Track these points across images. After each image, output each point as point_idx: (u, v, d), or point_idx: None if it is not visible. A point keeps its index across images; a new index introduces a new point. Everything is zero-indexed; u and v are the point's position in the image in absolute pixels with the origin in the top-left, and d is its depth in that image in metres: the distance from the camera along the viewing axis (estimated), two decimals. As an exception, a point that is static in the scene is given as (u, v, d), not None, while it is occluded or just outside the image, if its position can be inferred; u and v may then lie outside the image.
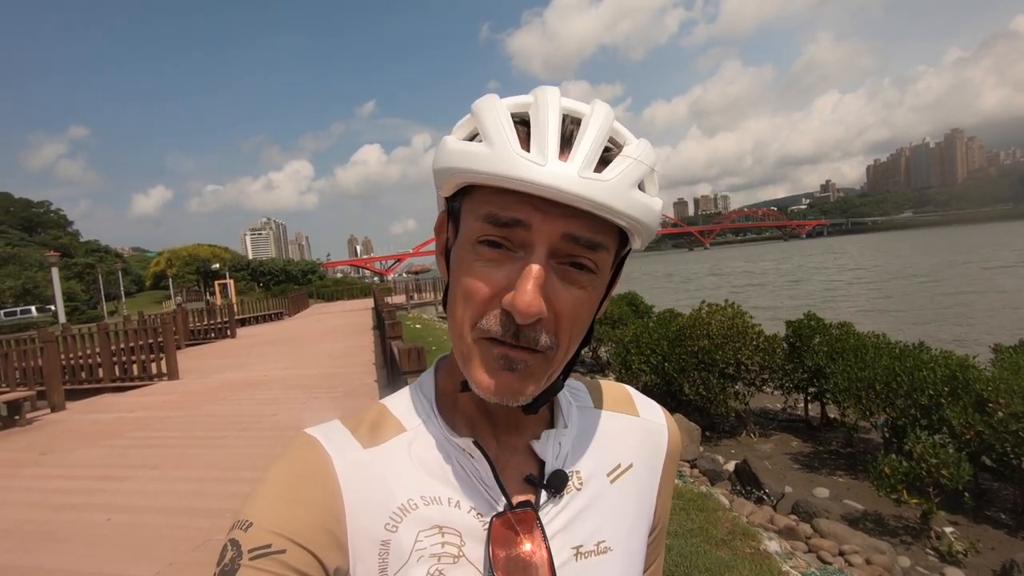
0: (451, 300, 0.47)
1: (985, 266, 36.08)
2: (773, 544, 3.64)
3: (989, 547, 4.57)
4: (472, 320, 0.44)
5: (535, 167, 0.40)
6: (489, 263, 0.43)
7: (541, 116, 0.43)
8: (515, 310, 0.41)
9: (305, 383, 8.07)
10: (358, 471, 0.47)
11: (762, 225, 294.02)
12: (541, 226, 0.42)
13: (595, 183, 0.41)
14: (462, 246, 0.46)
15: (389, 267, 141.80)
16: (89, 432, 6.35)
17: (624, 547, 0.51)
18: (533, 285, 0.41)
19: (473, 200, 0.45)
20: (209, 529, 3.37)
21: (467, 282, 0.44)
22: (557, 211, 0.42)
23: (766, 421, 8.18)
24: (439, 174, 0.46)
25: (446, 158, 0.45)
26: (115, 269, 52.42)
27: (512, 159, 0.41)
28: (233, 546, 0.42)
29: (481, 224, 0.43)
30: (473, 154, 0.43)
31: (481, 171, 0.42)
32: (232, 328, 17.26)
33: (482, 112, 0.44)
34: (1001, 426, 4.79)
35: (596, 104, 0.45)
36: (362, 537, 0.45)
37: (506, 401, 0.45)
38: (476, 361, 0.45)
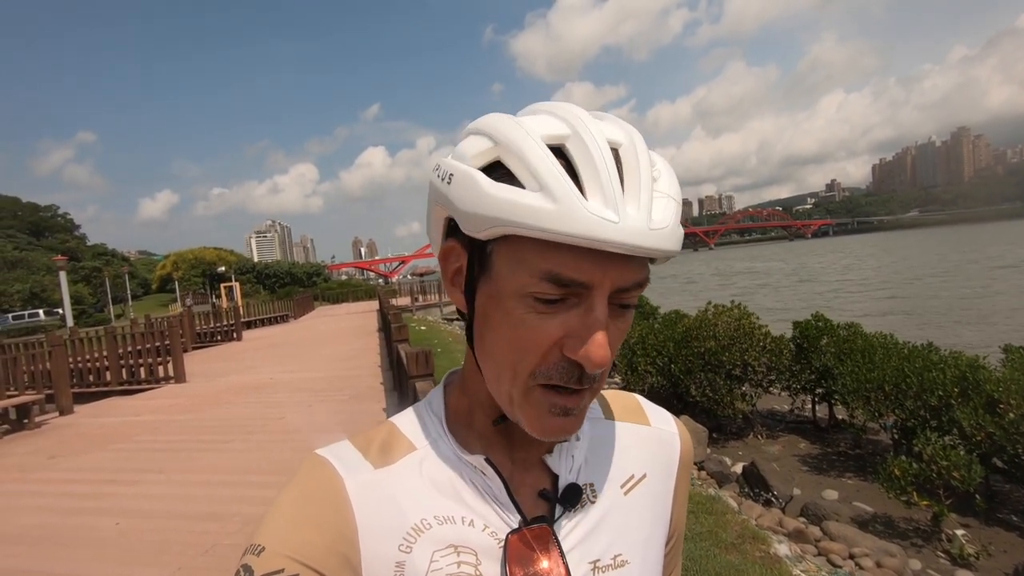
0: (493, 346, 0.45)
1: (993, 265, 35.80)
2: (783, 547, 3.61)
3: (1001, 550, 4.52)
4: (530, 370, 0.43)
5: (609, 225, 0.38)
6: (543, 315, 0.42)
7: (595, 156, 0.39)
8: (588, 362, 0.41)
9: (311, 386, 8.08)
10: (370, 492, 0.47)
11: (767, 225, 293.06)
12: (603, 281, 0.40)
13: (659, 233, 0.40)
14: (508, 296, 0.42)
15: (394, 269, 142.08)
16: (97, 436, 6.38)
17: (641, 559, 0.51)
18: (603, 337, 0.41)
19: (518, 249, 0.41)
20: (217, 534, 3.37)
21: (521, 334, 0.42)
22: (617, 261, 0.40)
23: (773, 423, 8.13)
24: (471, 218, 0.41)
25: (486, 204, 0.40)
26: (122, 272, 52.75)
27: (581, 216, 0.38)
28: (246, 571, 0.42)
29: (536, 280, 0.40)
30: (530, 208, 0.38)
31: (544, 228, 0.38)
32: (238, 331, 17.32)
33: (520, 147, 0.40)
34: (1012, 427, 4.74)
35: (631, 133, 0.43)
36: (376, 559, 0.45)
37: (556, 439, 0.46)
38: (530, 408, 0.44)
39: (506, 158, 0.41)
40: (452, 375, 0.56)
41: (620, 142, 0.42)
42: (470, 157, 0.43)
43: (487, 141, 0.42)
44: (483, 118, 0.45)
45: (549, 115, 0.43)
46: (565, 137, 0.41)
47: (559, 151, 0.40)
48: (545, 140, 0.40)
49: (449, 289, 0.49)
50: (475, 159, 0.42)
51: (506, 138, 0.41)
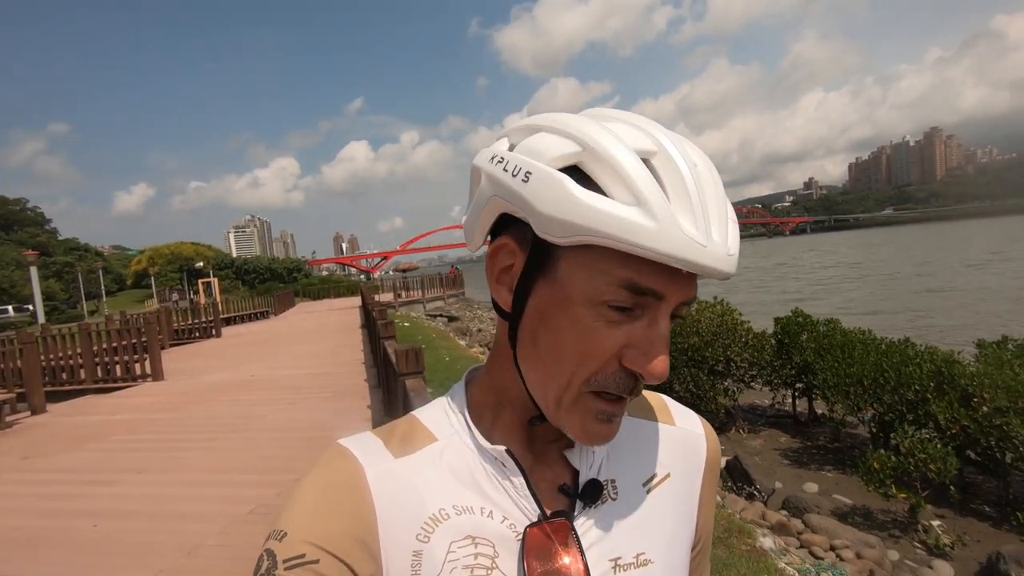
0: (549, 349, 0.44)
1: (965, 263, 36.79)
2: (767, 541, 3.67)
3: (975, 539, 4.66)
4: (587, 376, 0.43)
5: (699, 248, 0.38)
6: (611, 324, 0.42)
7: (685, 177, 0.39)
8: (650, 375, 0.42)
9: (294, 383, 7.97)
10: (389, 481, 0.47)
11: (747, 222, 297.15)
12: (673, 295, 0.41)
13: (732, 259, 0.41)
14: (580, 303, 0.42)
15: (375, 265, 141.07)
16: (72, 435, 6.22)
17: (665, 560, 0.50)
18: (667, 352, 0.42)
19: (597, 256, 0.41)
20: (201, 534, 3.30)
21: (588, 341, 0.43)
22: (686, 278, 0.41)
23: (755, 417, 8.27)
24: (553, 223, 0.40)
25: (574, 211, 0.39)
26: (95, 268, 51.48)
27: (680, 239, 0.38)
28: (269, 556, 0.43)
29: (615, 289, 0.41)
30: (627, 222, 0.38)
31: (640, 245, 0.38)
32: (217, 327, 17.03)
33: (613, 155, 0.39)
34: (985, 420, 4.88)
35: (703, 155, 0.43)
36: (394, 546, 0.45)
37: (599, 444, 0.46)
38: (579, 413, 0.45)
39: (593, 165, 0.40)
40: (474, 371, 0.55)
41: (697, 163, 0.42)
42: (550, 158, 0.41)
43: (572, 144, 0.41)
44: (555, 116, 0.44)
45: (629, 126, 0.42)
46: (652, 152, 0.40)
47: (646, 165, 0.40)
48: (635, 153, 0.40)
49: (494, 287, 0.48)
50: (555, 160, 0.41)
51: (597, 144, 0.40)
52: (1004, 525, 4.84)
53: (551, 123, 0.43)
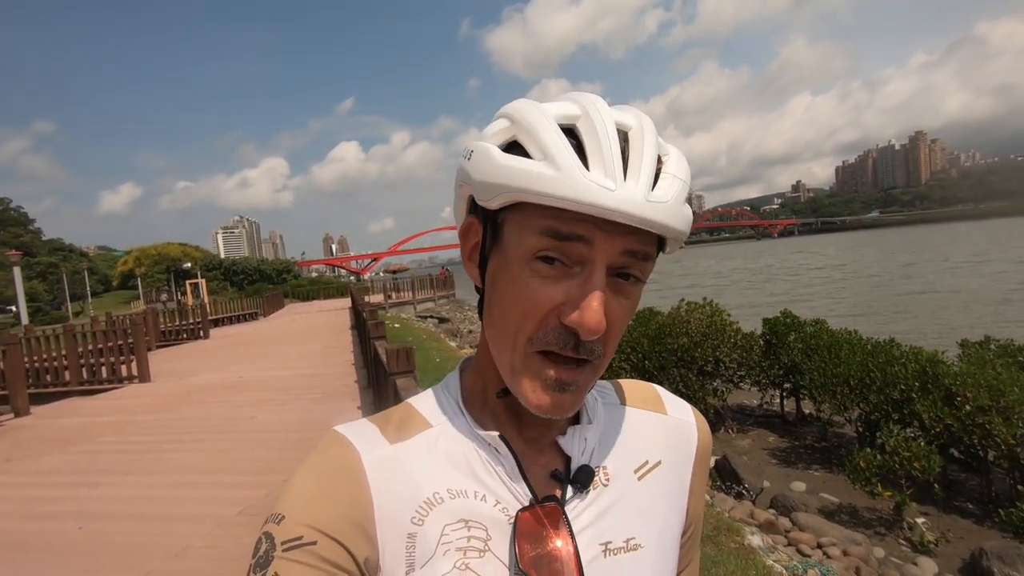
0: (498, 312, 0.47)
1: (947, 266, 37.34)
2: (756, 539, 3.70)
3: (959, 536, 4.73)
4: (529, 335, 0.45)
5: (605, 192, 0.40)
6: (546, 279, 0.43)
7: (599, 132, 0.42)
8: (582, 328, 0.42)
9: (283, 384, 7.92)
10: (385, 466, 0.48)
11: (736, 224, 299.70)
12: (603, 243, 0.42)
13: (658, 206, 0.42)
14: (514, 261, 0.45)
15: (365, 266, 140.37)
16: (57, 438, 6.14)
17: (656, 545, 0.51)
18: (599, 303, 0.42)
19: (525, 214, 0.44)
20: (189, 536, 3.28)
21: (524, 298, 0.44)
22: (618, 228, 0.42)
23: (744, 417, 8.34)
24: (484, 187, 0.44)
25: (497, 173, 0.43)
26: (80, 268, 50.76)
27: (580, 183, 0.40)
28: (267, 539, 0.44)
29: (538, 238, 0.43)
30: (534, 174, 0.41)
31: (545, 193, 0.41)
32: (205, 329, 16.87)
33: (532, 123, 0.43)
34: (968, 419, 4.96)
35: (641, 118, 0.45)
36: (389, 530, 0.46)
37: (555, 416, 0.46)
38: (527, 377, 0.46)
39: (520, 135, 0.44)
40: (468, 360, 0.57)
41: (630, 125, 0.44)
42: (490, 135, 0.46)
43: (506, 121, 0.46)
44: (509, 104, 0.47)
45: (568, 100, 0.45)
46: (576, 117, 0.44)
47: (571, 131, 0.43)
48: (557, 120, 0.43)
49: (467, 266, 0.51)
50: (494, 137, 0.45)
51: (523, 118, 0.44)
52: (987, 522, 4.92)
53: (501, 110, 0.47)
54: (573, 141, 0.42)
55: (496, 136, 0.45)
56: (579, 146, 0.42)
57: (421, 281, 25.24)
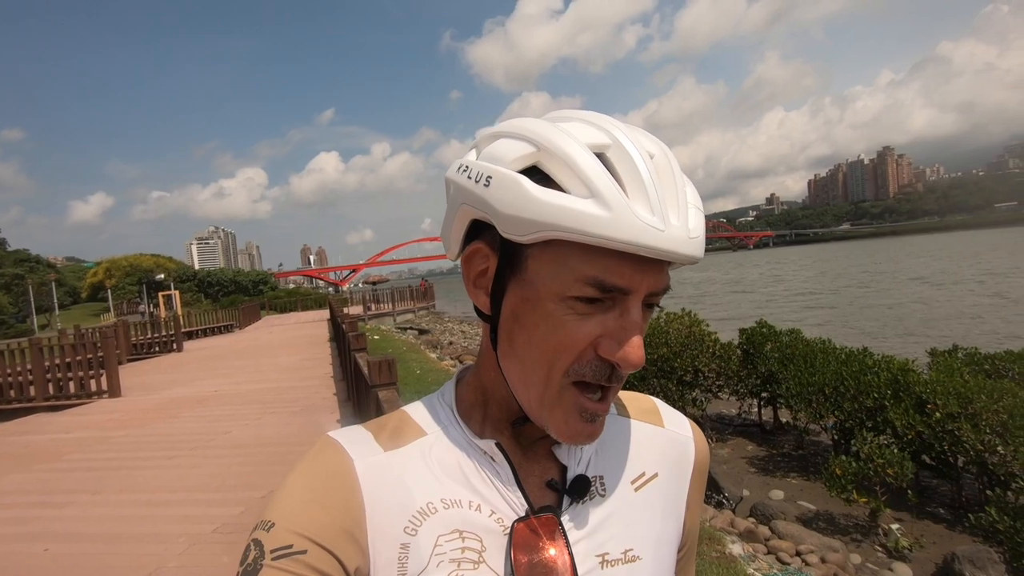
0: (524, 346, 0.45)
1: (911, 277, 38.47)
2: (736, 547, 3.73)
3: (932, 541, 4.83)
4: (564, 369, 0.44)
5: (656, 233, 0.39)
6: (582, 316, 0.43)
7: (638, 166, 0.41)
8: (627, 364, 0.42)
9: (260, 398, 7.76)
10: (378, 473, 0.47)
11: (713, 236, 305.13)
12: (640, 286, 0.42)
13: (696, 241, 0.42)
14: (548, 299, 0.43)
15: (344, 277, 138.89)
16: (21, 455, 5.91)
17: (653, 556, 0.50)
18: (639, 339, 0.42)
19: (560, 253, 0.42)
20: (161, 556, 3.17)
21: (561, 335, 0.43)
22: (652, 268, 0.42)
23: (723, 426, 8.42)
24: (515, 222, 0.41)
25: (532, 208, 0.40)
26: (48, 280, 49.19)
27: (635, 225, 0.39)
28: (256, 546, 0.43)
29: (580, 285, 0.42)
30: (583, 214, 0.39)
31: (597, 235, 0.39)
32: (179, 342, 16.47)
33: (567, 152, 0.40)
34: (939, 426, 5.09)
35: (662, 146, 0.44)
36: (381, 539, 0.45)
37: (580, 444, 0.47)
38: (561, 411, 0.45)
39: (549, 163, 0.41)
40: (464, 371, 0.56)
41: (654, 152, 0.43)
42: (509, 160, 0.43)
43: (527, 145, 0.43)
44: (514, 121, 0.46)
45: (584, 123, 0.44)
46: (606, 146, 0.42)
47: (600, 159, 0.41)
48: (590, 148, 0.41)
49: (472, 291, 0.49)
50: (514, 163, 0.42)
51: (550, 143, 0.41)
52: (958, 527, 5.03)
53: (510, 128, 0.45)
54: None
55: (517, 162, 0.42)
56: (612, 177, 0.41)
57: (401, 292, 25.07)
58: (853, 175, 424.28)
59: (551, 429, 0.46)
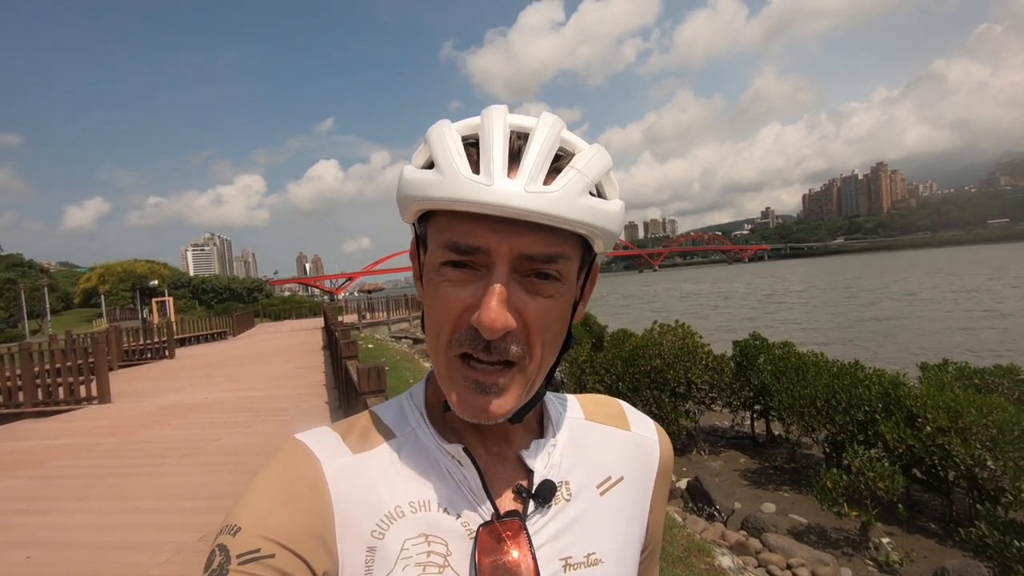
0: (427, 321, 0.49)
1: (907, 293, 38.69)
2: (726, 560, 3.72)
3: (922, 555, 4.82)
4: (447, 337, 0.46)
5: (482, 187, 0.42)
6: (455, 283, 0.45)
7: (486, 136, 0.44)
8: (481, 326, 0.43)
9: (251, 406, 7.71)
10: (347, 476, 0.47)
11: (708, 249, 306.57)
12: (499, 247, 0.43)
13: (542, 196, 0.42)
14: (429, 269, 0.47)
15: (340, 285, 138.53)
16: (6, 462, 5.83)
17: (616, 560, 0.51)
18: (496, 301, 0.42)
19: (434, 226, 0.47)
20: (145, 564, 3.13)
21: (437, 303, 0.46)
22: (512, 229, 0.43)
23: (715, 438, 8.41)
24: (401, 203, 0.48)
25: (404, 187, 0.47)
26: (40, 285, 48.87)
27: (459, 182, 0.42)
28: (221, 551, 0.42)
29: (443, 250, 0.45)
30: (426, 181, 0.44)
31: (434, 197, 0.44)
32: (171, 348, 16.36)
33: (432, 139, 0.46)
34: (929, 440, 5.10)
35: (542, 116, 0.47)
36: (350, 542, 0.45)
37: (480, 420, 0.46)
38: (452, 383, 0.47)
39: (429, 152, 0.47)
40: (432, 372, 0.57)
41: (529, 127, 0.46)
42: (414, 157, 0.48)
43: (423, 143, 0.48)
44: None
45: (480, 116, 0.48)
46: (476, 126, 0.46)
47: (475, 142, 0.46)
48: (462, 132, 0.46)
49: (417, 286, 0.53)
50: (415, 158, 0.48)
51: (428, 136, 0.47)
52: (948, 541, 5.03)
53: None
54: (476, 151, 0.45)
55: (417, 157, 0.48)
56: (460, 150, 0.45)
57: (396, 301, 24.99)
58: (847, 190, 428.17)
59: (452, 405, 0.47)
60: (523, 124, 0.46)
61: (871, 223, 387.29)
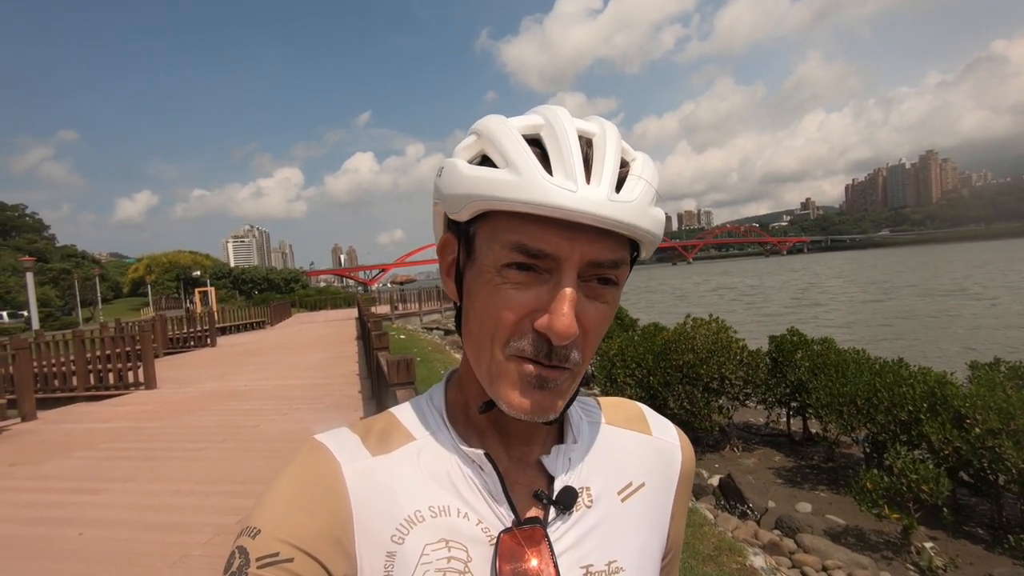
0: (475, 321, 0.47)
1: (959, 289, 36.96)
2: (758, 560, 3.64)
3: (968, 562, 4.63)
4: (504, 339, 0.44)
5: (567, 193, 0.41)
6: (518, 286, 0.44)
7: (560, 138, 0.43)
8: (552, 333, 0.42)
9: (287, 394, 7.93)
10: (366, 479, 0.47)
11: (744, 241, 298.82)
12: (571, 253, 0.42)
13: (622, 205, 0.42)
14: (485, 270, 0.45)
15: (373, 277, 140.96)
16: (61, 443, 6.16)
17: (636, 569, 0.50)
18: (569, 308, 0.42)
19: (494, 226, 0.44)
20: (186, 544, 3.27)
21: (497, 303, 0.44)
22: (583, 235, 0.42)
23: (749, 436, 8.24)
24: (454, 199, 0.45)
25: (462, 184, 0.44)
26: (92, 275, 51.31)
27: (542, 186, 0.41)
28: (241, 553, 0.43)
29: (508, 251, 0.43)
30: (497, 181, 0.42)
31: (508, 198, 0.42)
32: (213, 337, 16.96)
33: (495, 135, 0.44)
34: (978, 442, 4.88)
35: (605, 124, 0.46)
36: (368, 547, 0.45)
37: (538, 418, 0.45)
38: (508, 380, 0.45)
39: (486, 148, 0.45)
40: (453, 372, 0.56)
41: (593, 132, 0.45)
42: (460, 151, 0.47)
43: (473, 136, 0.47)
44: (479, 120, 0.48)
45: (534, 113, 0.47)
46: (540, 127, 0.45)
47: (537, 141, 0.44)
48: (522, 131, 0.45)
49: (445, 282, 0.51)
50: (463, 152, 0.47)
51: (487, 131, 0.45)
52: (997, 548, 4.81)
53: (473, 126, 0.48)
54: (538, 150, 0.43)
55: (465, 151, 0.46)
56: (544, 154, 0.43)
57: (428, 293, 25.27)
58: (894, 180, 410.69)
59: (503, 403, 0.46)
60: (585, 129, 0.45)
61: (919, 214, 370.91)
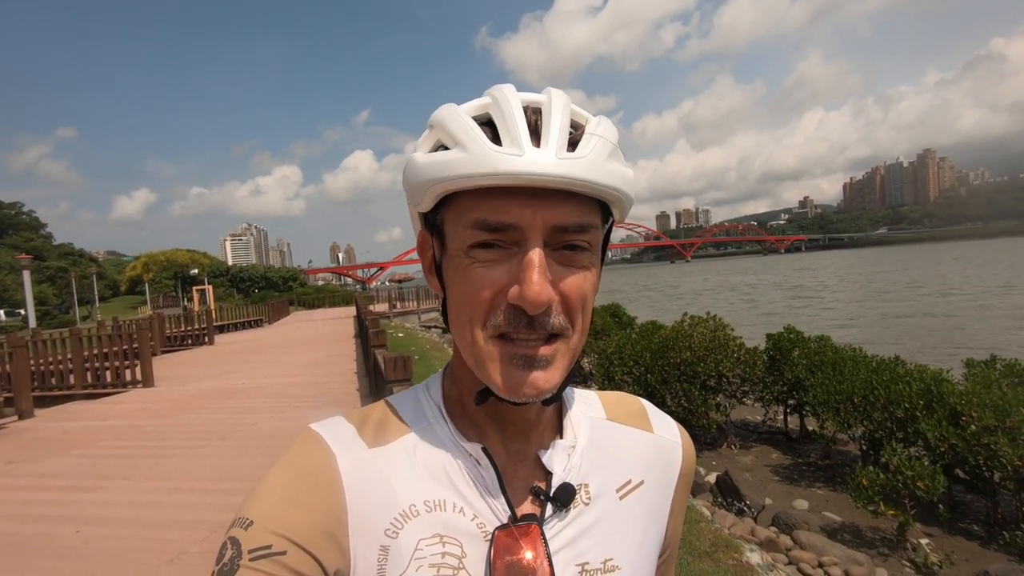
0: (453, 309, 0.47)
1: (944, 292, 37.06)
2: (755, 556, 3.66)
3: (963, 558, 4.65)
4: (482, 320, 0.44)
5: (514, 158, 0.41)
6: (488, 264, 0.44)
7: (504, 110, 0.43)
8: (525, 302, 0.42)
9: (285, 392, 7.94)
10: (362, 471, 0.46)
11: (742, 239, 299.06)
12: (532, 220, 0.42)
13: (574, 162, 0.42)
14: (455, 255, 0.45)
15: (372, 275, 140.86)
16: (59, 441, 6.16)
17: (633, 567, 0.50)
18: (539, 275, 0.42)
19: (457, 209, 0.45)
20: (184, 542, 3.27)
21: (469, 286, 0.44)
22: (544, 201, 0.42)
23: (746, 433, 8.26)
24: (414, 190, 0.46)
25: (419, 172, 0.45)
26: (89, 273, 51.19)
27: (490, 156, 0.41)
28: (233, 544, 0.42)
29: (470, 231, 0.43)
30: (448, 161, 0.43)
31: (461, 175, 0.42)
32: (210, 335, 16.95)
33: (445, 121, 0.45)
34: (974, 439, 4.90)
35: (552, 91, 0.46)
36: (362, 541, 0.44)
37: (528, 398, 0.44)
38: (493, 363, 0.44)
39: (440, 136, 0.45)
40: (448, 365, 0.56)
41: (541, 101, 0.45)
42: (418, 145, 0.48)
43: (428, 128, 0.47)
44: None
45: (485, 95, 0.47)
46: (487, 106, 0.45)
47: (488, 121, 0.45)
48: (471, 112, 0.45)
49: (428, 279, 0.51)
50: (421, 145, 0.47)
51: (439, 120, 0.46)
52: (992, 544, 4.83)
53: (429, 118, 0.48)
54: (489, 130, 0.44)
55: (423, 144, 0.47)
56: (495, 131, 0.43)
57: (426, 291, 25.26)
58: (891, 178, 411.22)
59: (494, 387, 0.45)
60: (533, 99, 0.45)
61: (916, 213, 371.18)
